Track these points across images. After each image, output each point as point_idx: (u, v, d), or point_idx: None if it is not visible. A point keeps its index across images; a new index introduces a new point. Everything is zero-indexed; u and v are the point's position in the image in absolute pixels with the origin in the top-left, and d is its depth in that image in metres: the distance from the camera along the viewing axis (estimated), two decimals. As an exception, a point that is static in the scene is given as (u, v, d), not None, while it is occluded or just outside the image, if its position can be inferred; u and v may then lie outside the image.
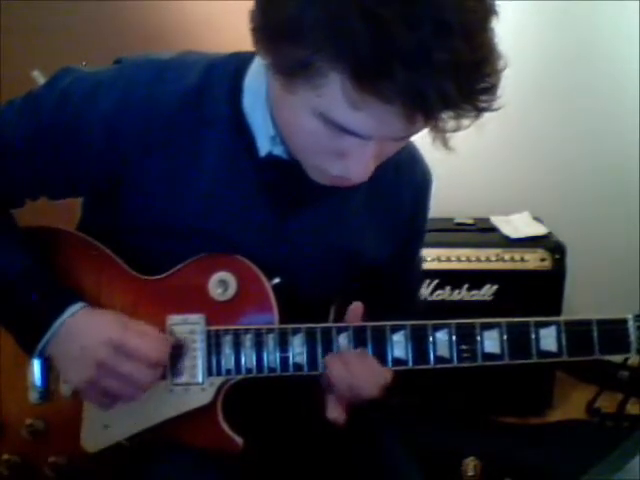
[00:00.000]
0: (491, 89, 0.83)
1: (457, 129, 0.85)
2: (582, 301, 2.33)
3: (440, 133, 0.85)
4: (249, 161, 1.04)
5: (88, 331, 1.02)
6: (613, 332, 1.01)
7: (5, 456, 1.11)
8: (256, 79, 1.01)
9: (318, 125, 0.88)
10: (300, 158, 0.98)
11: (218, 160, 1.04)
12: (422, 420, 2.24)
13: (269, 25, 0.85)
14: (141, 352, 1.01)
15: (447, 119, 0.84)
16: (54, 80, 1.06)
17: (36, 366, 1.09)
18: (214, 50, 1.11)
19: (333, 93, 0.83)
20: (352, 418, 1.08)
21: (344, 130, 0.87)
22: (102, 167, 1.04)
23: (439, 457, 2.00)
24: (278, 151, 1.03)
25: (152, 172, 1.03)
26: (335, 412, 1.07)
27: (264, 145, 1.03)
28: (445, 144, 0.87)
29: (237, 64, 1.04)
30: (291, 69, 0.85)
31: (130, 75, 1.03)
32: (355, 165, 0.91)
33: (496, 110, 0.84)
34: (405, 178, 1.15)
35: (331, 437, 1.15)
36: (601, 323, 1.01)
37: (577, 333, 1.02)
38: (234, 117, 1.03)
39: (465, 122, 0.85)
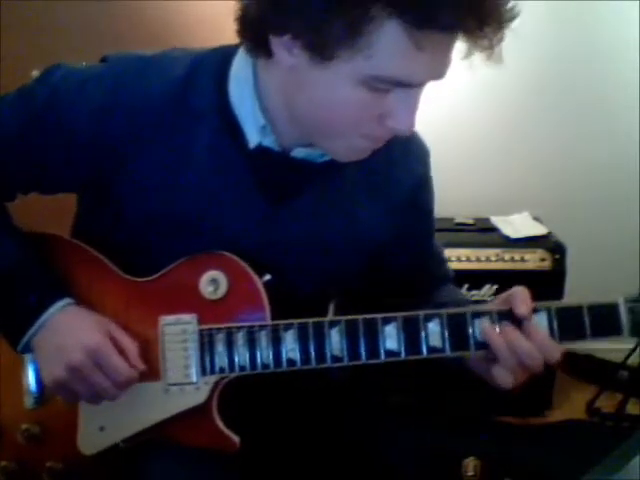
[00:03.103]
0: None
1: (501, 40, 0.89)
2: (582, 301, 2.32)
3: (491, 48, 0.89)
4: (238, 153, 1.04)
5: (69, 331, 1.02)
6: (604, 315, 1.00)
7: (2, 463, 1.11)
8: (242, 69, 1.02)
9: (362, 93, 0.91)
10: (330, 138, 0.99)
11: (207, 152, 1.04)
12: (422, 420, 2.23)
13: (301, 7, 0.86)
14: (115, 370, 1.01)
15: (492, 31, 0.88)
16: (46, 75, 1.07)
17: (31, 371, 1.10)
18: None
19: (390, 45, 0.86)
20: (350, 418, 1.08)
21: (395, 84, 0.89)
22: (90, 159, 1.04)
23: (439, 457, 1.99)
24: (268, 142, 1.03)
25: (142, 166, 1.04)
26: (505, 379, 1.00)
27: (253, 136, 1.03)
28: (495, 58, 0.90)
29: (222, 56, 1.05)
30: (336, 39, 0.86)
31: (117, 69, 1.05)
32: (405, 117, 0.94)
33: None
34: (397, 155, 1.13)
35: (329, 435, 1.15)
36: (592, 307, 1.01)
37: (568, 318, 1.01)
38: (222, 109, 1.03)
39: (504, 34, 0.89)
